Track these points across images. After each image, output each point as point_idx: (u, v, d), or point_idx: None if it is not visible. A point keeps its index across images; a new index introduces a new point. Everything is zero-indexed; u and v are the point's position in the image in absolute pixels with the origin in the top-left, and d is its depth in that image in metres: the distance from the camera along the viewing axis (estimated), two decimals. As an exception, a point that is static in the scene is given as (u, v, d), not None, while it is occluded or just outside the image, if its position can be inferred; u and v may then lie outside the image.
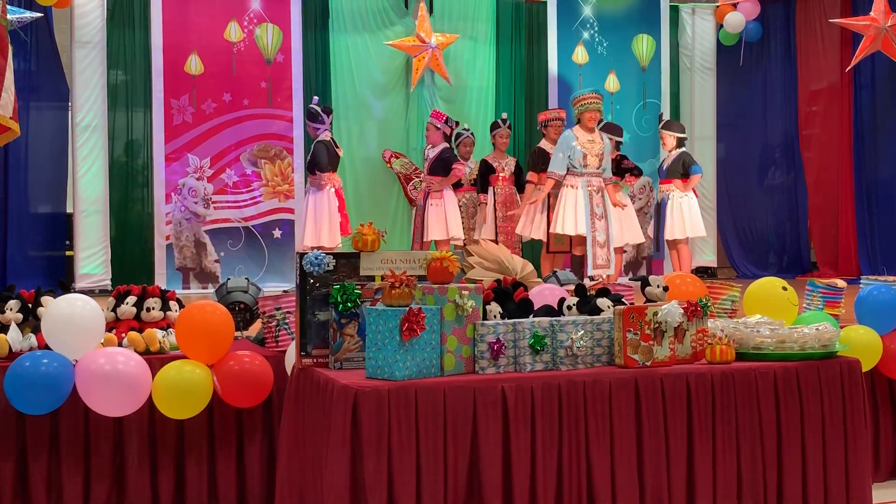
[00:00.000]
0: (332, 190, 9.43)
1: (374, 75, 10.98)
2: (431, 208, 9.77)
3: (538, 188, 9.43)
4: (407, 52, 10.85)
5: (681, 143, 9.90)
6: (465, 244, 9.75)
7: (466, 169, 10.21)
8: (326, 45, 10.82)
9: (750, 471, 3.55)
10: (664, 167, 9.96)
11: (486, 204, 10.14)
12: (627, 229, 9.62)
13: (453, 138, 10.23)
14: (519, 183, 10.07)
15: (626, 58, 11.62)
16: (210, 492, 4.38)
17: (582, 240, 8.88)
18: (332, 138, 9.53)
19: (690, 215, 9.79)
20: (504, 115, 10.54)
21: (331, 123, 9.62)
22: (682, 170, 9.75)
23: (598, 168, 8.91)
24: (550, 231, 9.13)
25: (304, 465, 3.47)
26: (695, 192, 9.95)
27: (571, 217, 8.85)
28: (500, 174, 10.12)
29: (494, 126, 10.40)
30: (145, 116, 10.21)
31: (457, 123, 10.13)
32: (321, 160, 9.35)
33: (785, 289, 4.46)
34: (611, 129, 9.89)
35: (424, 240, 9.79)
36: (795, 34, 12.13)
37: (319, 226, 9.36)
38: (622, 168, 9.74)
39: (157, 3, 10.02)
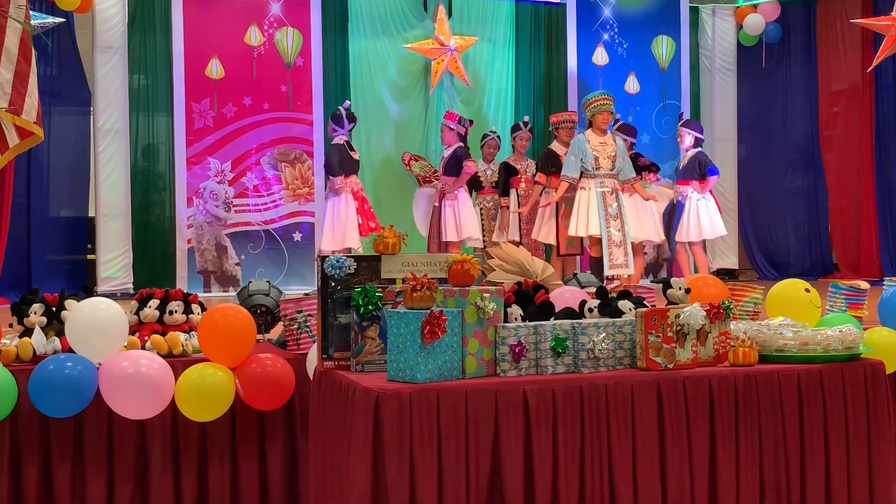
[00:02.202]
0: (350, 194, 9.48)
1: (393, 78, 11.00)
2: (447, 210, 9.80)
3: (548, 191, 9.46)
4: (426, 54, 10.87)
5: (698, 142, 9.86)
6: (484, 246, 9.76)
7: (488, 171, 10.22)
8: (346, 48, 10.84)
9: (773, 473, 3.54)
10: (680, 168, 9.95)
11: (509, 207, 10.14)
12: (646, 227, 9.59)
13: (478, 139, 10.26)
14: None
15: (645, 59, 11.59)
16: (232, 494, 4.40)
17: (597, 241, 8.89)
18: (346, 142, 9.57)
19: (709, 217, 9.76)
20: (526, 118, 10.54)
21: (350, 130, 9.66)
22: (699, 171, 9.72)
23: (611, 170, 8.93)
24: (568, 234, 9.13)
25: (326, 468, 3.48)
26: (712, 193, 9.91)
27: (584, 218, 8.87)
28: (522, 176, 10.12)
29: (515, 128, 10.41)
30: (166, 120, 10.25)
31: (471, 122, 10.14)
32: (333, 163, 9.44)
33: (807, 291, 4.43)
34: (625, 129, 9.88)
35: (442, 240, 9.81)
36: (816, 34, 12.07)
37: (336, 231, 9.40)
38: (638, 166, 9.72)
39: (178, 7, 10.07)
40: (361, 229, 9.51)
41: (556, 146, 9.76)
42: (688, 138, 9.84)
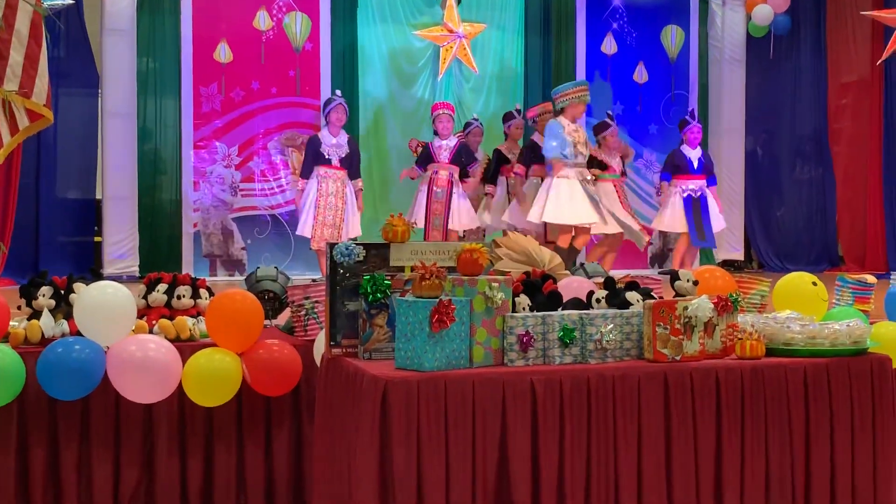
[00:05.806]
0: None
1: (401, 65, 10.99)
2: (460, 199, 9.81)
3: (532, 180, 9.53)
4: (434, 41, 10.85)
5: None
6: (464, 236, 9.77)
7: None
8: (355, 34, 10.83)
9: (778, 467, 3.54)
10: None
11: (493, 195, 10.15)
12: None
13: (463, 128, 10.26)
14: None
15: (655, 49, 11.58)
16: (238, 478, 4.41)
17: (584, 230, 9.02)
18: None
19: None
20: (518, 106, 10.54)
21: (337, 106, 9.45)
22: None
23: (585, 157, 9.09)
24: (549, 220, 9.08)
25: (333, 455, 3.49)
26: (714, 194, 9.99)
27: (569, 206, 8.91)
28: (514, 165, 10.04)
29: (509, 116, 10.38)
30: (174, 103, 10.26)
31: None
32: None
33: (815, 284, 4.43)
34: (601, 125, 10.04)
35: (450, 227, 9.84)
36: (826, 26, 12.04)
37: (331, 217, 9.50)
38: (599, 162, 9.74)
39: (187, -10, 10.08)
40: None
41: (538, 137, 9.72)
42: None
